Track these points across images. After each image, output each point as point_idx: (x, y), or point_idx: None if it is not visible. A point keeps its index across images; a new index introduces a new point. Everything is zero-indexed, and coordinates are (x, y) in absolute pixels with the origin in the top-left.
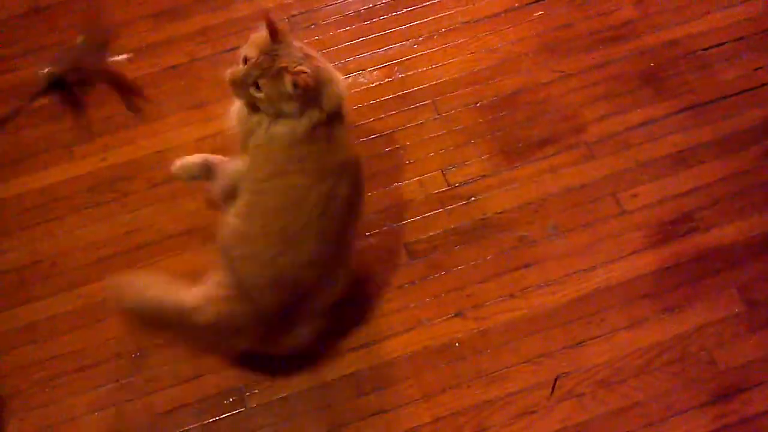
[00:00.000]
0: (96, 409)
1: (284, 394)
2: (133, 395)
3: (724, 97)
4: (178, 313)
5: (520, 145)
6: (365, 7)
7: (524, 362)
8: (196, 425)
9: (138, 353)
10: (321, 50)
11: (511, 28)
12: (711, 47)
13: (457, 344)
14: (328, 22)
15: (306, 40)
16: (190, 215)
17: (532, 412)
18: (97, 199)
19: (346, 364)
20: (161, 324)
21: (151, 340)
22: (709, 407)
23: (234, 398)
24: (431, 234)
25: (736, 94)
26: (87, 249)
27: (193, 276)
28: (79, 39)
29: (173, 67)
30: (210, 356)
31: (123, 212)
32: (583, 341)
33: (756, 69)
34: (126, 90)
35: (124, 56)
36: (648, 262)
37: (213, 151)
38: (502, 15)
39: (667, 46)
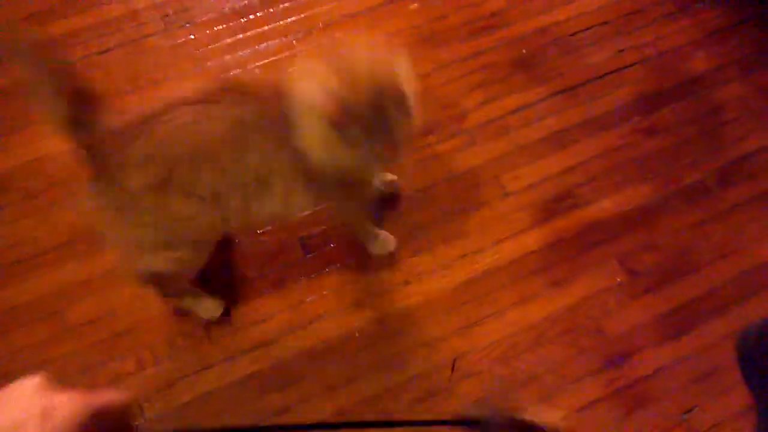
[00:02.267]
0: None
1: (186, 400)
2: None
3: (593, 79)
4: None
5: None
6: (241, 4)
7: (422, 346)
8: None
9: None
10: (199, 49)
11: (388, 21)
12: (577, 32)
13: (357, 334)
14: (203, 20)
15: (182, 39)
16: (71, 225)
17: (434, 394)
18: None
19: (247, 364)
20: None
21: None
22: (601, 373)
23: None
24: (324, 228)
25: (604, 75)
26: None
27: (80, 286)
28: None
29: None
30: (102, 369)
31: None
32: (478, 321)
33: (620, 51)
34: None
35: None
36: (534, 240)
37: None
38: (379, 9)
39: (536, 34)
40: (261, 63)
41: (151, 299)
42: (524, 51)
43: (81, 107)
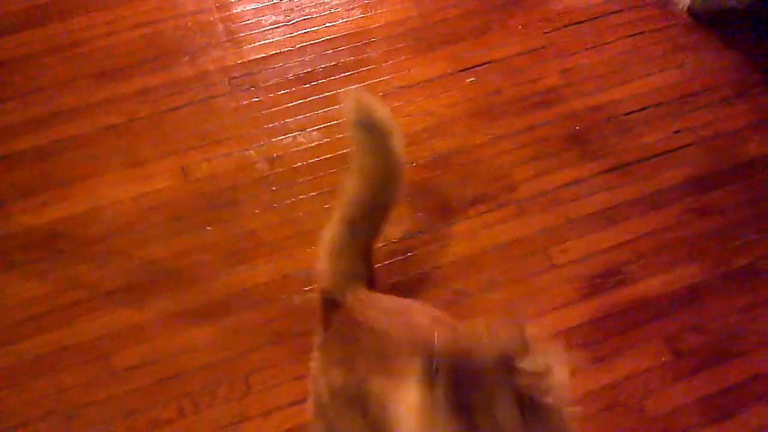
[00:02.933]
0: None
1: None
2: None
3: (646, 158)
4: None
5: (455, 203)
6: (305, 71)
7: None
8: None
9: (71, 414)
10: (262, 111)
11: (444, 93)
12: (632, 112)
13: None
14: (268, 85)
15: (246, 102)
16: (127, 272)
17: None
18: (31, 256)
19: (282, 420)
20: None
21: None
22: None
23: None
24: None
25: (657, 155)
26: (19, 306)
27: (129, 332)
28: None
29: (112, 126)
30: (143, 415)
31: (57, 269)
32: None
33: (675, 132)
34: None
35: None
36: (578, 314)
37: (152, 208)
38: (436, 81)
39: (591, 111)
40: (319, 127)
41: (197, 350)
42: (578, 127)
43: None
